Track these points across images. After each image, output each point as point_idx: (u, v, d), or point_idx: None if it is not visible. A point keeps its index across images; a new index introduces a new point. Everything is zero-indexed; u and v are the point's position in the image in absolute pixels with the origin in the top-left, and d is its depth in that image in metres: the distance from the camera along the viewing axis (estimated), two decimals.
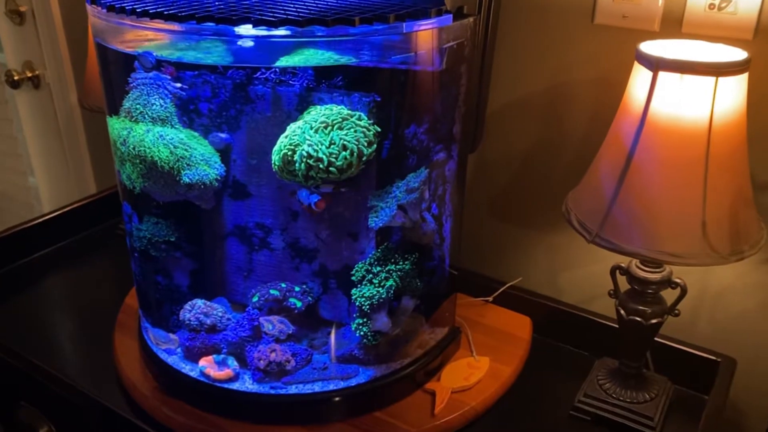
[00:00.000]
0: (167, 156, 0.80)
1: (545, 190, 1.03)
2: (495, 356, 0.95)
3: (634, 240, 0.74)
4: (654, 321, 0.84)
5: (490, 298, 1.07)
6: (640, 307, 0.84)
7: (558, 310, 1.03)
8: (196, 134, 0.83)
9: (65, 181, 1.63)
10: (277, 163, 0.76)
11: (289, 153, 0.75)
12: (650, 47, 0.75)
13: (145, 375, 0.91)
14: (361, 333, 0.83)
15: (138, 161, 0.81)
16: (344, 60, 0.73)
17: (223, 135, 0.83)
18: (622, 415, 0.87)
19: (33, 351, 1.00)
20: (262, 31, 0.69)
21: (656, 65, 0.71)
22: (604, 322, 0.99)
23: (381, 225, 0.78)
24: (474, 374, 0.91)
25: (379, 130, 0.75)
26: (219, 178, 0.83)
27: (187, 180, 0.80)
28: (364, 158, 0.75)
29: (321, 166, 0.74)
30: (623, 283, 0.86)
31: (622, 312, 0.86)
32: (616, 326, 0.89)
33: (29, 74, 1.54)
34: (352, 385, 0.84)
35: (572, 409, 0.89)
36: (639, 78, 0.74)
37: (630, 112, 0.75)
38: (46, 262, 1.25)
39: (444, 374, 0.91)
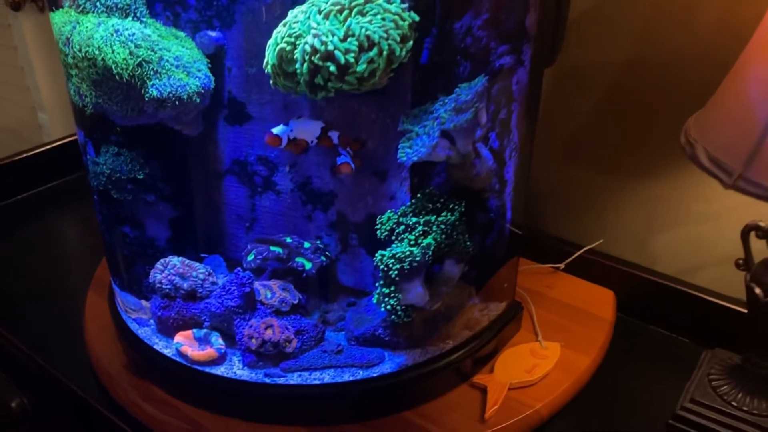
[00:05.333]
0: (124, 59, 0.60)
1: (640, 124, 0.85)
2: (567, 341, 0.81)
3: None
4: None
5: (562, 265, 0.93)
6: None
7: (650, 281, 0.88)
8: (181, 34, 0.66)
9: None
10: (270, 61, 0.58)
11: (288, 47, 0.56)
12: None
13: (115, 349, 0.77)
14: (388, 307, 0.66)
15: (86, 66, 0.61)
16: None
17: (213, 33, 0.67)
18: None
19: (6, 307, 0.90)
20: None
21: None
22: (714, 300, 0.83)
23: (416, 159, 0.60)
24: (539, 365, 0.77)
25: (417, 19, 0.57)
26: (202, 91, 0.64)
27: (156, 93, 0.62)
28: (395, 62, 0.57)
29: (332, 67, 0.55)
30: (759, 250, 0.67)
31: (757, 290, 0.66)
32: (735, 307, 0.77)
33: None
34: (375, 375, 0.70)
35: (672, 417, 0.72)
36: None
37: None
38: (40, 200, 1.17)
39: (499, 364, 0.78)
